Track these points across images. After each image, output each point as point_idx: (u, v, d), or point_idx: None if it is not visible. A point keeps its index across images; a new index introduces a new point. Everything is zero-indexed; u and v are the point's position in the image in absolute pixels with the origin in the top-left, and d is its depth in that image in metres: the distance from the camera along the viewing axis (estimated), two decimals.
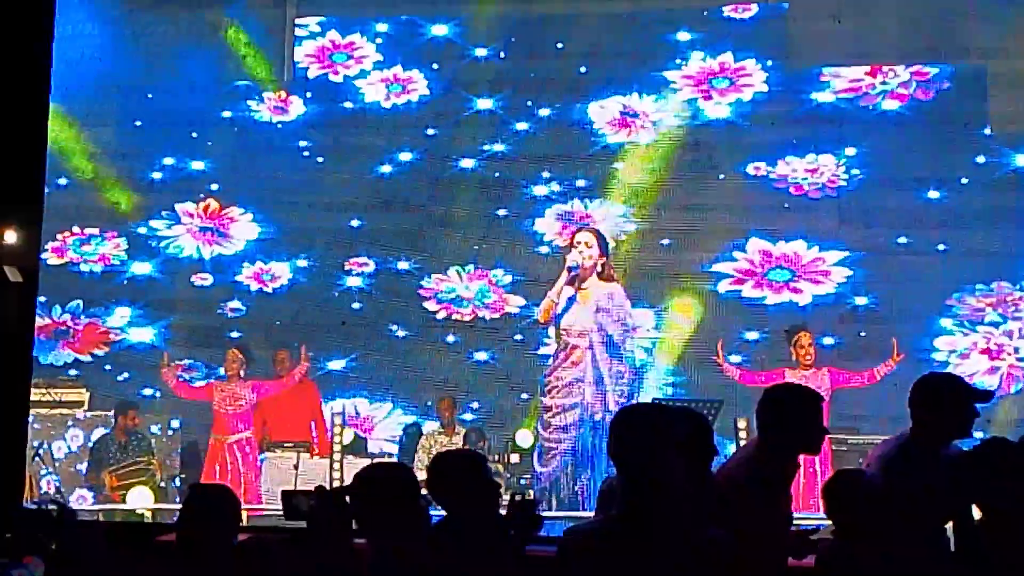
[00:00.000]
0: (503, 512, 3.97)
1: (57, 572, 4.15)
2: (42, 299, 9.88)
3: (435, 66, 10.82)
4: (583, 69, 10.59)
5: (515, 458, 9.66)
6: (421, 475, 10.24)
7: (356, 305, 10.49)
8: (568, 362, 8.97)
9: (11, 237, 8.15)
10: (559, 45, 10.68)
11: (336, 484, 9.07)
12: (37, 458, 9.66)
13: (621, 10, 10.63)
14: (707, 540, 3.11)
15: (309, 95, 10.97)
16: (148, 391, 10.28)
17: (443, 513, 3.93)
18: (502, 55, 10.74)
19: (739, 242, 10.13)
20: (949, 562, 4.29)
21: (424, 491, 3.89)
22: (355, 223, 10.56)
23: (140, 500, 9.45)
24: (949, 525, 4.45)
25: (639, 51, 10.55)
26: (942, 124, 10.10)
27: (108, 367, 10.45)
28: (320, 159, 10.80)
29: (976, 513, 4.40)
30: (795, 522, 4.33)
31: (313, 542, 3.58)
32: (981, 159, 9.98)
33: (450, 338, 10.32)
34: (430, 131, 10.67)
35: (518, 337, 10.16)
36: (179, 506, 4.61)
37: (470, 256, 10.43)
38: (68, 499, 9.68)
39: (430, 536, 3.60)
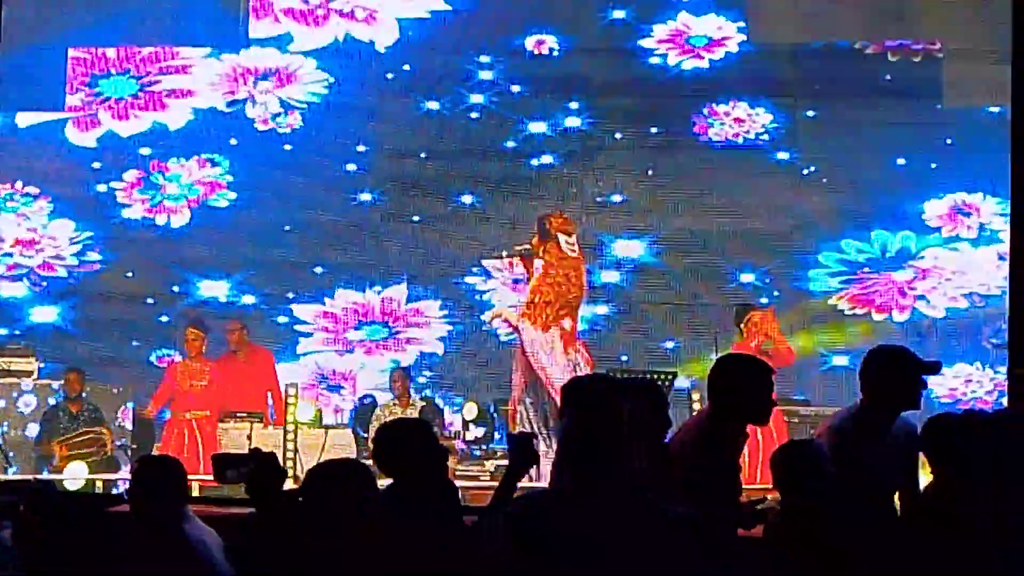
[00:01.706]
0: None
1: (25, 535, 4.15)
2: None
3: None
4: None
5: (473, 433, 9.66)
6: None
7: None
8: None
9: None
10: None
11: (289, 456, 9.05)
12: None
13: None
14: (674, 518, 3.11)
15: None
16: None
17: None
18: None
19: None
20: (897, 532, 4.34)
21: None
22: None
23: (75, 475, 9.34)
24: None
25: None
26: None
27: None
28: None
29: (923, 481, 4.47)
30: (744, 493, 4.37)
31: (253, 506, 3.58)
32: None
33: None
34: None
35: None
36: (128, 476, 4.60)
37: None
38: (15, 467, 9.61)
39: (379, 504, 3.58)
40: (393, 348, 10.60)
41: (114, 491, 8.95)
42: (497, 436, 9.52)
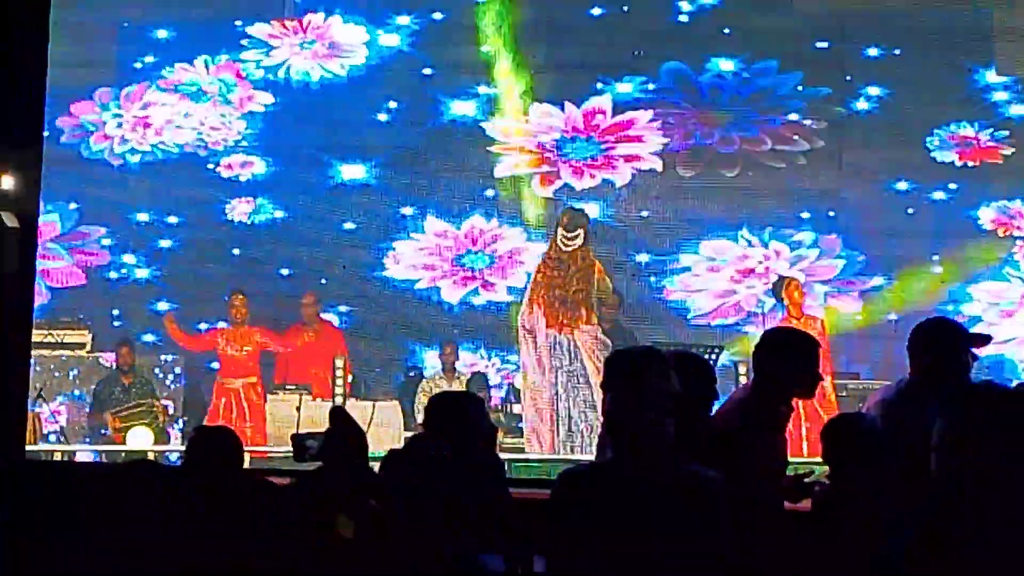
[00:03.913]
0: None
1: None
2: None
3: None
4: None
5: (518, 408, 9.70)
6: (422, 418, 10.26)
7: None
8: None
9: (8, 183, 8.09)
10: None
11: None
12: (40, 399, 9.71)
13: None
14: (698, 480, 3.13)
15: None
16: (149, 337, 10.33)
17: None
18: None
19: None
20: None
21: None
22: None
23: (140, 441, 9.50)
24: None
25: None
26: None
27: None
28: None
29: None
30: (792, 466, 4.36)
31: (326, 476, 3.57)
32: None
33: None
34: None
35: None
36: (182, 448, 4.65)
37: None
38: (70, 441, 9.77)
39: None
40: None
41: (166, 462, 9.08)
42: None
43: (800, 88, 10.27)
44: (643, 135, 10.26)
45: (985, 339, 4.54)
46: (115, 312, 10.44)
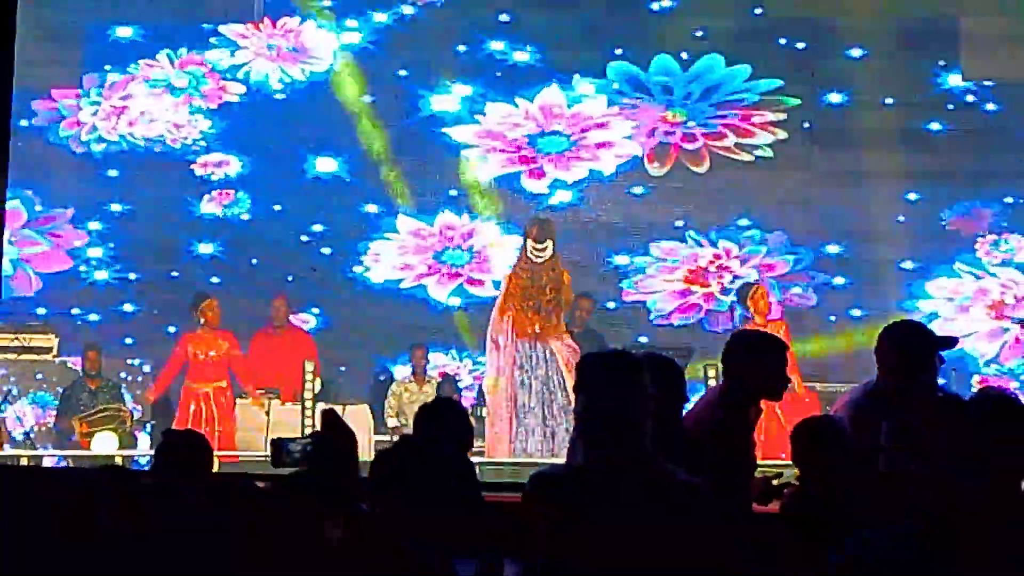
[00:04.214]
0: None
1: None
2: None
3: None
4: None
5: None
6: (392, 422, 10.21)
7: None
8: None
9: None
10: None
11: (307, 431, 9.09)
12: (6, 403, 9.63)
13: None
14: (675, 482, 3.14)
15: None
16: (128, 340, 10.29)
17: None
18: None
19: None
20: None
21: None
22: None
23: (105, 446, 9.43)
24: None
25: None
26: None
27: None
28: None
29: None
30: (761, 469, 4.39)
31: (310, 480, 3.53)
32: None
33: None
34: None
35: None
36: (150, 452, 4.62)
37: None
38: (37, 445, 9.69)
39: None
40: None
41: (134, 467, 9.02)
42: None
43: (754, 82, 10.35)
44: (607, 122, 10.34)
45: (952, 342, 4.58)
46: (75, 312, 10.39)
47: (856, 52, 10.32)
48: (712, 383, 8.80)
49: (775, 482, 4.37)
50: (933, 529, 2.64)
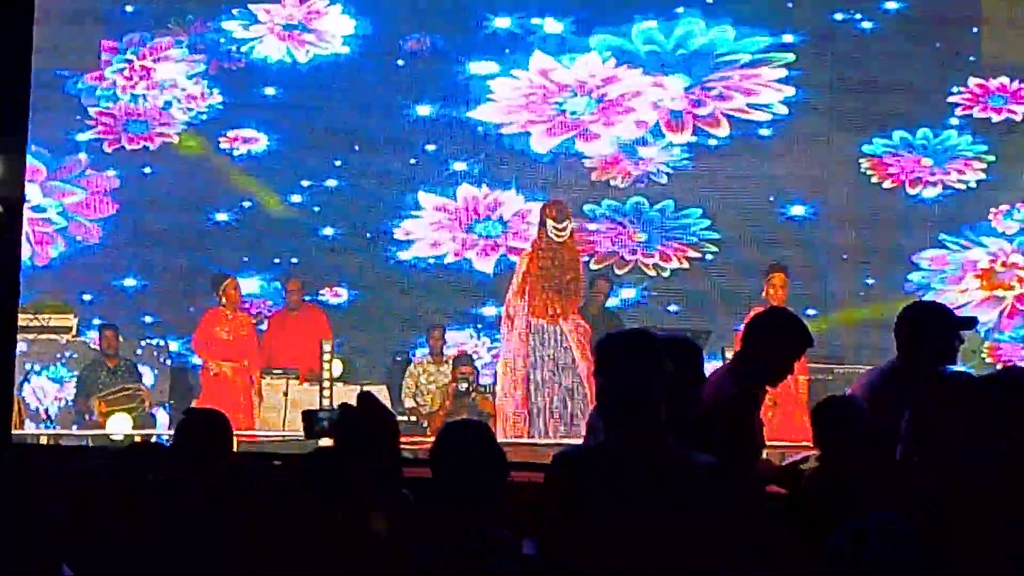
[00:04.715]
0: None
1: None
2: None
3: None
4: None
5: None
6: (409, 402, 10.19)
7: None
8: None
9: None
10: None
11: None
12: (26, 383, 9.69)
13: None
14: (692, 463, 3.15)
15: None
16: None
17: None
18: None
19: None
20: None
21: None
22: None
23: (119, 427, 9.48)
24: None
25: None
26: None
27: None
28: None
29: None
30: (784, 453, 4.39)
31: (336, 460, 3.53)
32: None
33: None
34: None
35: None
36: (168, 432, 4.64)
37: None
38: (56, 424, 9.75)
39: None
40: None
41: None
42: None
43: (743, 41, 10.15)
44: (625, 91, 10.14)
45: (971, 322, 4.58)
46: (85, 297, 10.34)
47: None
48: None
49: (802, 466, 4.38)
50: (932, 521, 2.65)
